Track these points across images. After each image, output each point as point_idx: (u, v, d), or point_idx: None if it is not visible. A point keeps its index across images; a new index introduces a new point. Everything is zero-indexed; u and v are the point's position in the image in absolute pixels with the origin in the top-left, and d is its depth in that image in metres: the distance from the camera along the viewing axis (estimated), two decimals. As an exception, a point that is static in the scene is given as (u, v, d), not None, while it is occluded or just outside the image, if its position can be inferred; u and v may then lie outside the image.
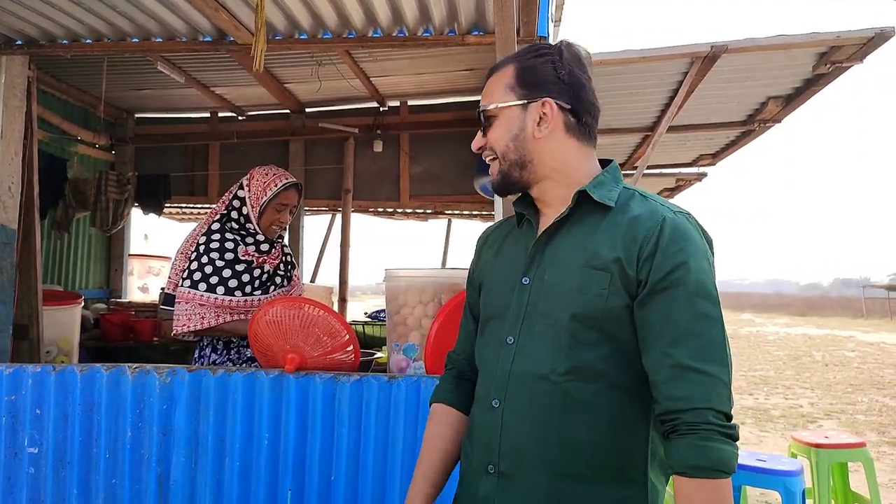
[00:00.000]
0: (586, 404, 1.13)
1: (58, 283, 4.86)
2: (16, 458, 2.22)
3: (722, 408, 1.05)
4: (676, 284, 1.09)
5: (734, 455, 1.04)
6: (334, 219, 6.65)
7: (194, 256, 2.49)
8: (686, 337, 1.07)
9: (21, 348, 3.14)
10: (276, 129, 5.53)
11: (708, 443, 1.03)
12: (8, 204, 2.94)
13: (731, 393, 1.08)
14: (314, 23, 2.90)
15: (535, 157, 1.24)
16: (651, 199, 1.20)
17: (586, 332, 1.14)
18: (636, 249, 1.12)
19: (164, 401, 2.19)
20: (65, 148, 4.84)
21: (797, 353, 15.44)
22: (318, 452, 2.15)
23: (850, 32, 2.94)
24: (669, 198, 6.87)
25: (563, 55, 1.24)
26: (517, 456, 1.17)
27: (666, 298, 1.09)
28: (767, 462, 3.45)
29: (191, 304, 2.45)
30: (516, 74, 1.25)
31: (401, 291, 2.40)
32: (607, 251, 1.14)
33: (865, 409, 8.59)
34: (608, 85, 3.62)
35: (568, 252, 1.19)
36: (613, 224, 1.17)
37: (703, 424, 1.04)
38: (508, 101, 1.24)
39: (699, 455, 1.03)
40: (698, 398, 1.05)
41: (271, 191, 2.50)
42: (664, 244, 1.11)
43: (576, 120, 1.23)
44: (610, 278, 1.13)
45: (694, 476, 1.03)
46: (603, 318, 1.13)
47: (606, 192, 1.20)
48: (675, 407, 1.06)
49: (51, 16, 2.83)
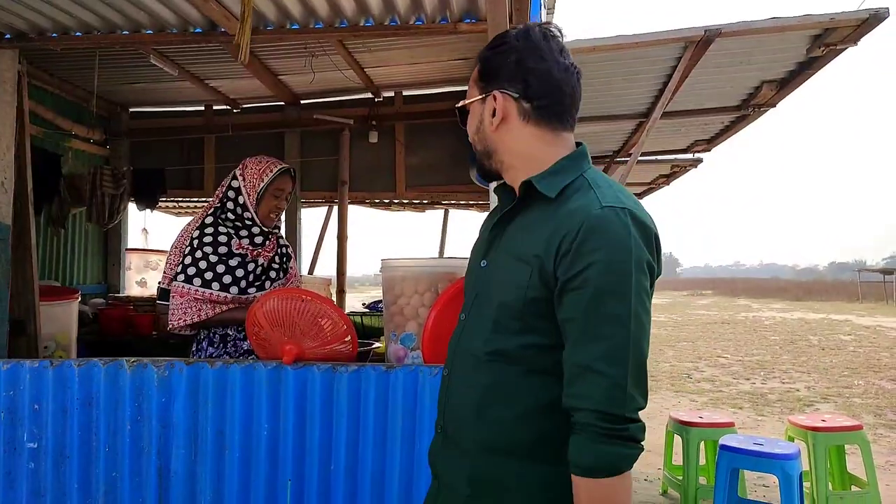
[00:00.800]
0: (507, 386, 1.20)
1: (55, 278, 4.85)
2: (15, 453, 2.23)
3: (614, 410, 1.07)
4: (585, 284, 1.10)
5: (623, 456, 1.08)
6: (331, 210, 6.64)
7: (188, 251, 2.50)
8: (588, 338, 1.09)
9: (19, 344, 3.14)
10: (271, 122, 5.51)
11: (595, 444, 1.07)
12: (2, 200, 2.93)
13: (630, 394, 1.08)
14: (305, 12, 2.88)
15: (497, 147, 1.29)
16: (593, 190, 1.18)
17: (509, 321, 1.19)
18: (556, 246, 1.13)
19: (163, 394, 2.20)
20: (59, 143, 4.81)
21: (793, 337, 15.50)
22: (318, 443, 2.16)
23: (845, 14, 2.94)
24: (665, 184, 6.86)
25: (513, 43, 1.26)
26: (455, 422, 1.29)
27: (575, 297, 1.11)
28: (764, 446, 3.48)
29: (186, 298, 2.46)
30: (479, 69, 1.30)
31: (397, 281, 2.40)
32: (533, 245, 1.17)
33: (862, 393, 8.64)
34: (601, 71, 3.61)
35: (512, 241, 1.25)
36: (550, 216, 1.18)
37: (591, 426, 1.07)
38: (472, 97, 1.31)
39: (585, 455, 1.08)
40: (592, 399, 1.08)
41: (267, 177, 2.51)
42: (579, 242, 1.11)
43: (530, 106, 1.24)
44: (530, 272, 1.16)
45: (580, 474, 1.09)
46: (523, 309, 1.17)
47: (551, 182, 1.21)
48: (571, 405, 1.11)
49: (39, 9, 2.81)
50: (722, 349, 13.50)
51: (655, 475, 4.93)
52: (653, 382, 9.54)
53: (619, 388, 1.08)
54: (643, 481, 4.86)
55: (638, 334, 1.11)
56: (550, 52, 1.25)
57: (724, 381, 9.74)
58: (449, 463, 1.30)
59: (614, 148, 5.59)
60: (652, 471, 5.07)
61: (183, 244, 2.54)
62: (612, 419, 1.07)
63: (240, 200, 2.53)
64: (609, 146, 5.55)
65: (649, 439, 5.04)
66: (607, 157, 5.81)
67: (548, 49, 1.25)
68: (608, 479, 1.07)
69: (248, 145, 5.48)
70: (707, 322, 20.11)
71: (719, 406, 7.85)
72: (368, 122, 5.34)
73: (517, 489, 1.19)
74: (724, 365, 11.32)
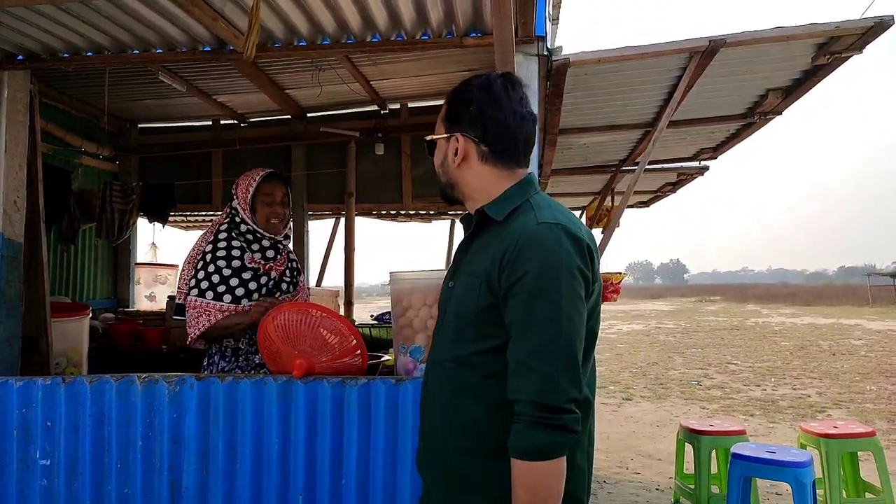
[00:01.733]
0: (467, 390, 1.35)
1: (65, 294, 4.88)
2: (28, 470, 2.24)
3: (545, 400, 1.21)
4: (521, 290, 1.26)
5: (554, 443, 1.20)
6: (338, 222, 6.68)
7: (201, 265, 2.53)
8: (522, 337, 1.25)
9: (31, 361, 3.16)
10: (278, 135, 5.54)
11: (528, 431, 1.21)
12: (14, 218, 2.96)
13: (563, 386, 1.21)
14: (312, 29, 2.91)
15: (459, 181, 1.48)
16: (533, 211, 1.35)
17: (466, 329, 1.36)
18: (499, 259, 1.30)
19: (174, 409, 2.21)
20: (69, 160, 4.86)
21: (804, 342, 15.41)
22: (329, 457, 2.16)
23: (849, 22, 2.94)
24: (672, 192, 6.86)
25: (475, 93, 1.43)
26: (429, 427, 1.45)
27: (513, 302, 1.27)
28: (777, 454, 3.45)
29: (198, 310, 2.49)
30: (445, 110, 1.48)
31: (405, 294, 2.41)
32: (482, 262, 1.35)
33: (874, 398, 8.57)
34: (607, 82, 3.62)
35: (469, 261, 1.43)
36: (497, 235, 1.36)
37: (524, 415, 1.22)
38: (438, 134, 1.50)
39: (519, 440, 1.22)
40: (525, 391, 1.23)
41: (252, 186, 2.57)
42: (517, 253, 1.28)
43: (487, 149, 1.42)
44: (479, 284, 1.33)
45: (517, 458, 1.23)
46: (476, 317, 1.33)
47: (499, 208, 1.39)
48: (512, 398, 1.26)
49: (51, 30, 2.85)
50: (732, 355, 13.43)
51: (667, 484, 4.90)
52: (662, 390, 9.49)
53: (551, 381, 1.21)
54: (654, 490, 4.83)
55: (570, 332, 1.24)
56: (509, 102, 1.42)
57: (734, 387, 9.68)
58: (429, 465, 1.45)
59: (621, 157, 5.59)
60: (663, 480, 5.04)
61: (196, 259, 2.58)
62: (545, 409, 1.21)
63: (237, 219, 2.59)
64: (615, 155, 5.56)
65: (660, 447, 5.06)
66: (613, 166, 5.81)
67: (507, 99, 1.42)
68: (539, 463, 1.20)
69: (256, 159, 5.52)
70: (716, 328, 20.02)
71: (730, 413, 7.80)
72: (374, 134, 5.37)
73: (481, 484, 1.32)
74: (734, 371, 11.25)
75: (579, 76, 3.38)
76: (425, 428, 1.48)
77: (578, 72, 3.29)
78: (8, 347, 2.89)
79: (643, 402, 8.58)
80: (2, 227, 2.89)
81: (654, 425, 7.10)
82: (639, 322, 23.81)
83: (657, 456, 5.68)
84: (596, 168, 5.95)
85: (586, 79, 3.48)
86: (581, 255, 1.29)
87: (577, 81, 3.48)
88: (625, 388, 9.67)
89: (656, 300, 44.81)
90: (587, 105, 4.06)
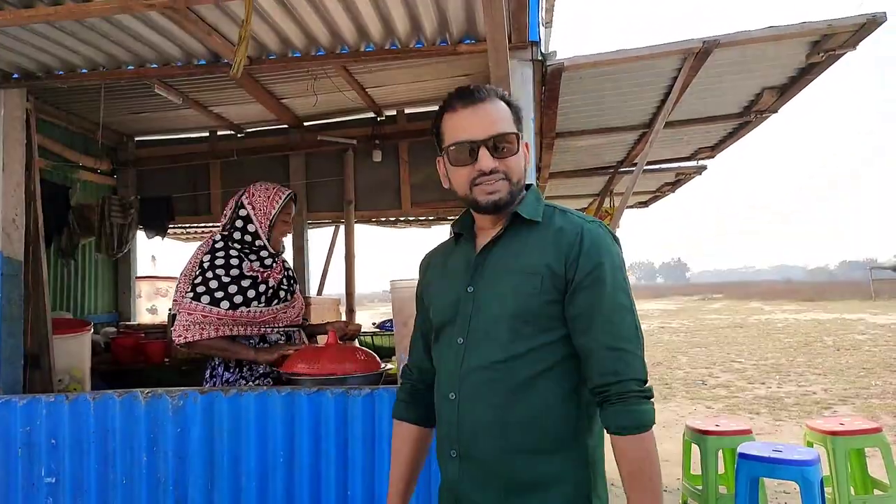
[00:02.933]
0: (525, 387, 1.34)
1: (66, 309, 4.88)
2: (33, 488, 2.24)
3: (640, 376, 1.32)
4: (597, 281, 1.33)
5: (651, 412, 1.32)
6: (338, 230, 6.67)
7: (198, 272, 2.52)
8: (608, 324, 1.32)
9: (33, 378, 3.16)
10: (276, 145, 5.55)
11: (632, 406, 1.29)
12: (13, 236, 2.96)
13: (644, 362, 1.34)
14: (307, 40, 2.92)
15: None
16: (569, 213, 1.45)
17: (524, 327, 1.35)
18: (563, 254, 1.35)
19: (178, 424, 2.21)
20: (67, 175, 4.87)
21: (807, 339, 15.38)
22: (334, 468, 2.16)
23: (842, 20, 2.94)
24: (671, 191, 6.87)
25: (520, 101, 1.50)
26: (472, 439, 1.37)
27: (590, 293, 1.33)
28: (783, 452, 3.44)
29: (194, 315, 2.45)
30: (512, 112, 1.43)
31: (407, 302, 2.41)
32: (538, 258, 1.37)
33: (880, 393, 8.55)
34: (602, 85, 3.62)
35: (504, 261, 1.41)
36: (541, 235, 1.40)
37: (631, 393, 1.30)
38: (520, 133, 1.43)
39: (627, 417, 1.29)
40: (623, 372, 1.30)
41: (277, 205, 2.62)
42: (585, 249, 1.35)
43: None
44: (541, 279, 1.35)
45: (624, 434, 1.29)
46: (537, 313, 1.35)
47: (532, 210, 1.43)
48: (605, 381, 1.31)
49: (46, 48, 2.86)
50: (736, 354, 13.40)
51: (674, 486, 4.88)
52: (667, 390, 9.47)
53: (642, 361, 1.33)
54: (662, 492, 4.82)
55: (638, 319, 1.38)
56: None
57: (739, 386, 9.66)
58: (475, 482, 1.37)
59: (618, 158, 5.60)
60: (671, 481, 5.02)
61: (193, 269, 2.57)
62: (643, 384, 1.31)
63: (250, 228, 2.59)
64: (613, 157, 5.56)
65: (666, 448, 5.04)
66: (611, 167, 5.81)
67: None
68: (648, 434, 1.29)
69: (254, 169, 5.53)
70: (719, 327, 19.99)
71: (736, 412, 7.78)
72: (372, 141, 5.38)
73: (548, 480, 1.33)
74: (738, 370, 11.23)
75: (574, 80, 3.39)
76: (464, 442, 1.38)
77: (573, 76, 3.29)
78: (10, 366, 2.89)
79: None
80: (1, 245, 2.89)
81: (660, 426, 7.08)
82: (642, 322, 23.56)
83: (664, 457, 5.66)
84: (594, 170, 5.95)
85: (581, 82, 3.49)
86: (621, 250, 1.43)
87: (573, 85, 3.48)
88: (629, 388, 9.64)
89: (659, 299, 44.76)
90: (583, 108, 4.06)
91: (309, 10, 2.64)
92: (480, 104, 1.39)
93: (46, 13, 2.31)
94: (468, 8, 2.63)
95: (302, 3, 2.59)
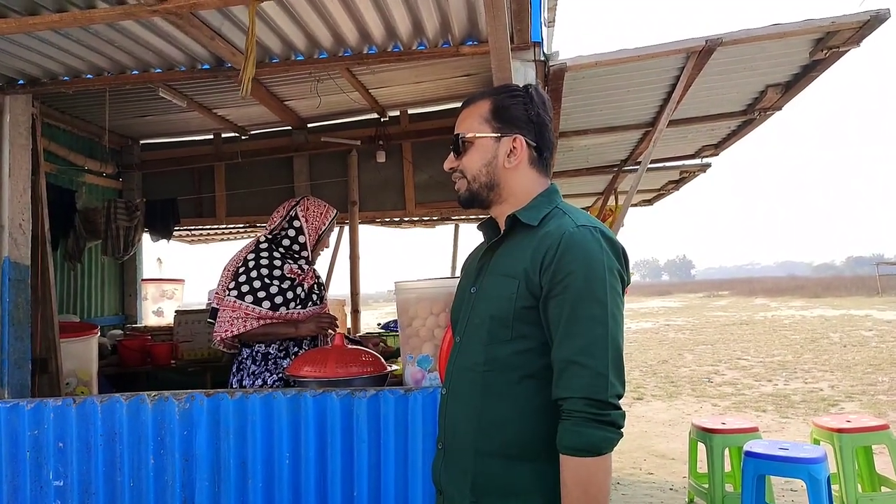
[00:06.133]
0: (500, 392, 1.35)
1: (73, 312, 4.91)
2: (42, 491, 2.26)
3: (597, 396, 1.23)
4: (566, 289, 1.29)
5: (604, 439, 1.23)
6: (342, 231, 6.68)
7: (242, 271, 2.69)
8: (570, 335, 1.27)
9: (41, 382, 3.18)
10: (280, 147, 5.56)
11: (579, 428, 1.23)
12: (20, 241, 2.98)
13: (611, 381, 1.24)
14: (309, 43, 2.93)
15: (502, 183, 1.46)
16: (566, 216, 1.39)
17: (501, 330, 1.35)
18: (539, 259, 1.33)
19: (185, 426, 2.22)
20: (72, 179, 4.89)
21: (814, 335, 15.33)
22: (339, 469, 2.17)
23: (845, 17, 2.93)
24: (675, 189, 6.85)
25: (532, 98, 1.46)
26: (452, 435, 1.42)
27: (558, 301, 1.30)
28: (790, 450, 3.44)
29: (236, 313, 2.63)
30: (492, 110, 1.46)
31: (411, 304, 2.42)
32: (519, 262, 1.37)
33: (887, 389, 8.52)
34: (605, 84, 3.62)
35: (498, 264, 1.43)
36: (532, 239, 1.38)
37: (576, 412, 1.24)
38: (484, 132, 1.45)
39: (571, 438, 1.24)
40: (576, 388, 1.24)
41: (327, 223, 2.88)
42: (559, 255, 1.31)
43: (538, 155, 1.47)
44: (517, 284, 1.35)
45: (566, 454, 1.24)
46: (513, 317, 1.34)
47: (532, 214, 1.42)
48: (559, 395, 1.27)
49: (51, 54, 2.87)
50: (742, 351, 13.37)
51: (681, 484, 4.88)
52: (673, 388, 9.46)
53: (600, 377, 1.23)
54: (668, 490, 4.81)
55: (615, 330, 1.28)
56: (547, 111, 1.48)
57: (745, 383, 9.64)
58: (450, 476, 1.42)
59: (622, 157, 5.59)
60: (677, 480, 5.02)
61: (237, 265, 2.73)
62: (595, 405, 1.23)
63: (300, 240, 2.80)
64: (617, 156, 5.55)
65: (672, 446, 5.06)
66: (615, 166, 5.81)
67: (550, 110, 1.48)
68: (590, 459, 1.22)
69: (258, 171, 5.56)
70: (725, 324, 19.94)
71: (742, 410, 7.77)
72: (375, 142, 5.38)
73: (517, 487, 1.33)
74: (744, 367, 11.20)
75: (577, 80, 3.39)
76: (447, 436, 1.44)
77: (576, 75, 3.29)
78: (18, 370, 2.91)
79: (654, 401, 8.56)
80: (8, 250, 2.92)
81: (667, 424, 7.08)
82: (647, 320, 23.73)
83: (670, 455, 5.66)
84: (598, 169, 5.95)
85: (584, 82, 3.48)
86: (617, 256, 1.34)
87: (576, 85, 3.48)
88: (636, 387, 9.64)
89: (664, 297, 44.67)
90: (586, 107, 4.06)
91: (312, 14, 2.65)
92: (464, 110, 1.50)
93: (51, 20, 2.32)
94: (470, 9, 2.64)
95: (305, 7, 2.60)
